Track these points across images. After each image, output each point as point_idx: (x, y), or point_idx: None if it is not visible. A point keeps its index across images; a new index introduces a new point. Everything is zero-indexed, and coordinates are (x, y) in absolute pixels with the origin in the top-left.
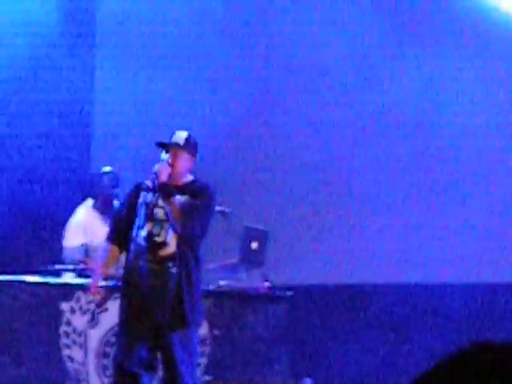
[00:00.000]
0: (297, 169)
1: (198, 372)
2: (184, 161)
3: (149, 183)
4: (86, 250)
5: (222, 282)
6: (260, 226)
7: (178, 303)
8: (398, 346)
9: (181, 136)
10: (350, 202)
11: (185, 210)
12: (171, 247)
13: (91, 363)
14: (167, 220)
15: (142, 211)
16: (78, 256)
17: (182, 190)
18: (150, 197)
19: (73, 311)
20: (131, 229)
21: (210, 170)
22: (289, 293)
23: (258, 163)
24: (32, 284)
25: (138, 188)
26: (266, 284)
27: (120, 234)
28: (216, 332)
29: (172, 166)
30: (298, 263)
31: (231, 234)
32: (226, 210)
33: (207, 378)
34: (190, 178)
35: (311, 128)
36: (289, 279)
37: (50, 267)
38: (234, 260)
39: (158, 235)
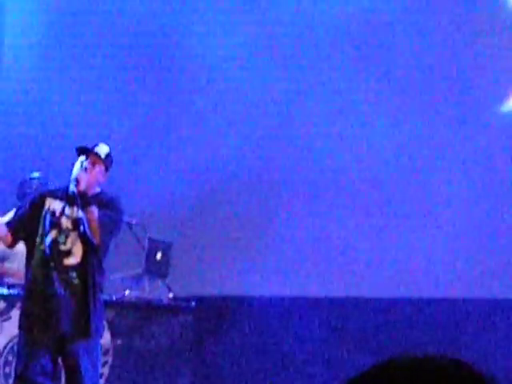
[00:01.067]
0: (202, 181)
1: (101, 382)
2: (100, 173)
3: (57, 190)
4: (3, 258)
5: (126, 293)
6: (164, 238)
7: (82, 313)
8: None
9: (104, 149)
10: (256, 211)
11: (102, 221)
12: (76, 257)
13: None
14: (74, 229)
15: (47, 219)
16: None
17: (94, 200)
18: (56, 204)
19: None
20: (31, 235)
21: (115, 181)
22: (193, 304)
23: (162, 174)
24: None
25: (44, 195)
26: (170, 295)
27: (19, 229)
28: (119, 342)
29: (89, 172)
30: (202, 274)
31: (136, 245)
32: (132, 221)
33: None
34: (97, 189)
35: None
36: (193, 290)
37: None
38: (139, 271)
39: (64, 243)
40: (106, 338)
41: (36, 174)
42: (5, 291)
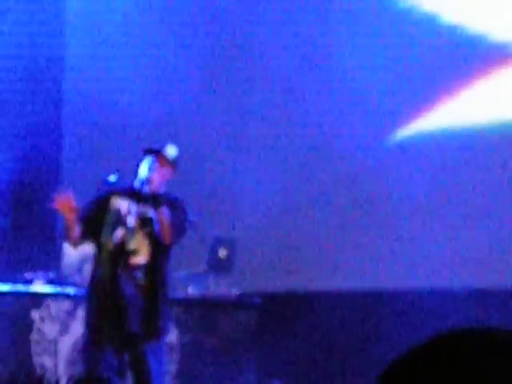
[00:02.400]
0: (264, 177)
1: (168, 379)
2: (167, 175)
3: (123, 189)
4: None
5: (190, 290)
6: (228, 235)
7: (150, 313)
8: (364, 353)
9: (173, 151)
10: (323, 209)
11: (174, 222)
12: (142, 256)
13: (62, 371)
14: (141, 228)
15: (112, 218)
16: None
17: (163, 201)
18: (122, 203)
19: (42, 319)
20: (98, 235)
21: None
22: (257, 300)
23: (225, 171)
24: (1, 293)
25: (110, 194)
26: (234, 291)
27: (86, 230)
28: (185, 339)
29: (160, 173)
30: (266, 271)
31: (200, 243)
32: (194, 219)
33: None
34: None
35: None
36: (258, 287)
37: (19, 275)
38: (203, 268)
39: (129, 243)
40: (172, 335)
41: (113, 178)
42: (71, 291)
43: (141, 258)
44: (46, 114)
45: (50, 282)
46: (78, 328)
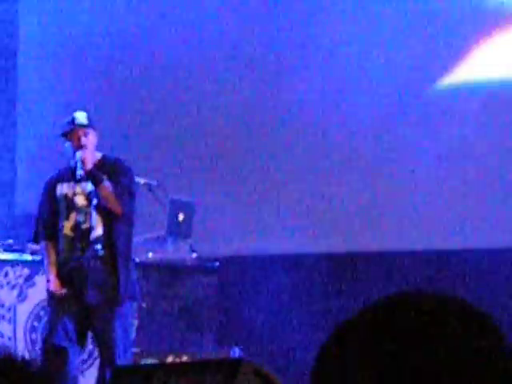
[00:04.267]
0: (222, 137)
1: None
2: (93, 139)
3: (63, 176)
4: None
5: (149, 255)
6: (186, 198)
7: (111, 281)
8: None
9: (82, 115)
10: (276, 168)
11: (118, 192)
12: (98, 230)
13: (20, 338)
14: (89, 205)
15: (62, 203)
16: None
17: (100, 169)
18: (65, 187)
19: (1, 286)
20: (57, 222)
21: (135, 142)
22: (216, 264)
23: (182, 133)
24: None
25: (52, 182)
26: (194, 255)
27: (51, 230)
28: (144, 304)
29: (86, 147)
30: (225, 234)
31: (157, 207)
32: (152, 182)
33: (136, 350)
34: (99, 154)
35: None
36: (216, 250)
37: None
38: (161, 232)
39: (84, 222)
40: None
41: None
42: (28, 257)
43: (96, 232)
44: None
45: (8, 248)
46: (36, 295)
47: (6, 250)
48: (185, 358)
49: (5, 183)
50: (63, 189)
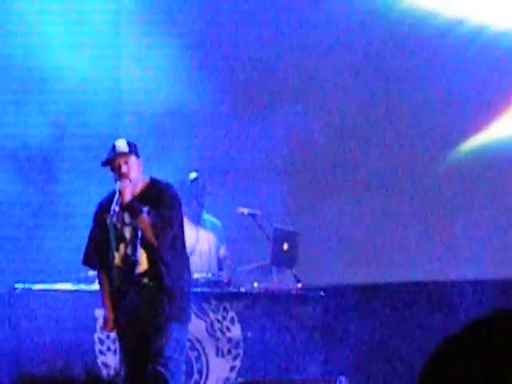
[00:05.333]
0: (326, 169)
1: (233, 374)
2: (134, 166)
3: (111, 202)
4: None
5: (255, 284)
6: (290, 227)
7: (155, 309)
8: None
9: (122, 143)
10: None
11: (154, 223)
12: (144, 264)
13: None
14: (136, 237)
15: (112, 233)
16: None
17: (144, 196)
18: (115, 217)
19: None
20: (108, 250)
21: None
22: (321, 293)
23: (284, 164)
24: (66, 292)
25: (103, 208)
26: (298, 285)
27: (104, 257)
28: (249, 334)
29: (127, 176)
30: (329, 263)
31: (262, 236)
32: (257, 212)
33: (241, 380)
34: (146, 179)
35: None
36: (321, 280)
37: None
38: (266, 262)
39: (133, 255)
40: (236, 331)
41: (194, 175)
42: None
43: (142, 267)
44: None
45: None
46: None
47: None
48: None
49: None
50: (113, 218)
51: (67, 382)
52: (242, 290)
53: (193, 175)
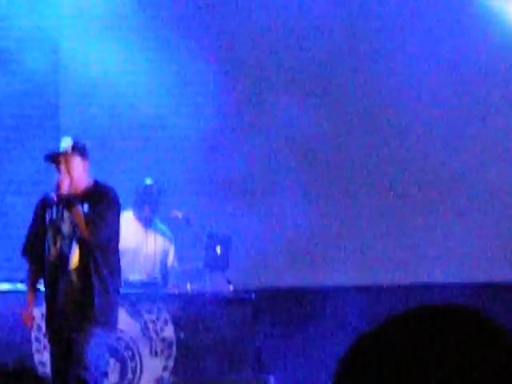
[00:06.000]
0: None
1: (166, 374)
2: (77, 166)
3: (52, 196)
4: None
5: (188, 286)
6: (223, 232)
7: (87, 309)
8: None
9: (66, 142)
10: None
11: (89, 216)
12: (76, 261)
13: None
14: (73, 233)
15: (50, 228)
16: None
17: (84, 196)
18: (54, 212)
19: (43, 316)
20: (44, 245)
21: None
22: (252, 296)
23: (215, 169)
24: (1, 292)
25: (44, 203)
26: (230, 287)
27: (38, 251)
28: (182, 335)
29: (68, 174)
30: (262, 266)
31: (195, 240)
32: (189, 216)
33: (174, 379)
34: (91, 181)
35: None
36: (253, 282)
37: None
38: (199, 264)
39: (68, 250)
40: (169, 331)
41: (149, 181)
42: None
43: (74, 264)
44: None
45: None
46: None
47: None
48: None
49: None
50: (52, 213)
51: (3, 381)
52: (176, 291)
53: (148, 181)
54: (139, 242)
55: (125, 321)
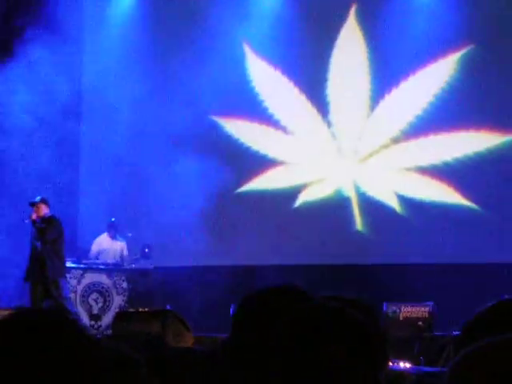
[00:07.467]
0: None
1: (123, 303)
2: (40, 209)
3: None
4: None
5: (132, 266)
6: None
7: (48, 268)
8: None
9: (36, 199)
10: None
11: (45, 232)
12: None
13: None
14: (39, 236)
15: (34, 234)
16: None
17: (44, 220)
18: (33, 228)
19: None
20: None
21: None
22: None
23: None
24: None
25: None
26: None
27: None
28: (130, 286)
29: (36, 211)
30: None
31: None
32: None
33: (128, 306)
34: (50, 214)
35: None
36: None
37: None
38: (137, 255)
39: (38, 246)
40: (125, 284)
41: (113, 219)
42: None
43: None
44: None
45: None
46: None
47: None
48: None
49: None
50: (32, 228)
51: None
52: (128, 267)
53: (112, 219)
54: (110, 245)
55: (105, 280)
